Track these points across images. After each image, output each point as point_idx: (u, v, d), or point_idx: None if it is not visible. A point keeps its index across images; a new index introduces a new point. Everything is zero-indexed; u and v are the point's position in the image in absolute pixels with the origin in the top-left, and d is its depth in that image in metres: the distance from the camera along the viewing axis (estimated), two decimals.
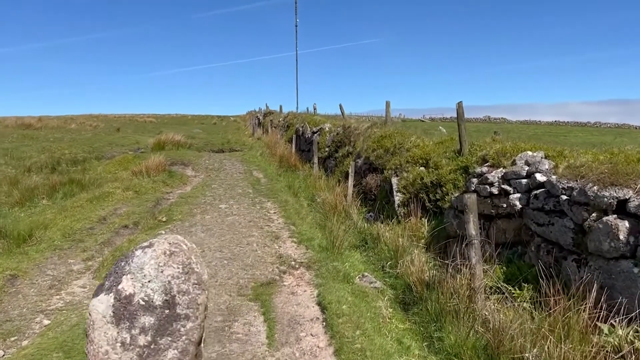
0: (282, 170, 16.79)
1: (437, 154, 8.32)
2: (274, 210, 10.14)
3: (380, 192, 9.83)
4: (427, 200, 7.90)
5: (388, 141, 10.03)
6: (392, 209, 8.80)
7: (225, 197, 11.37)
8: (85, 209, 10.70)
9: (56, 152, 22.06)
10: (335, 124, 17.03)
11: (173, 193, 12.51)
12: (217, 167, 17.02)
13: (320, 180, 13.89)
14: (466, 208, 5.31)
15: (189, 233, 8.28)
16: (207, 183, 13.49)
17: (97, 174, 16.79)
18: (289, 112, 29.90)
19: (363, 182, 10.48)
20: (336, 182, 12.61)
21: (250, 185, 13.05)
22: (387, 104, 11.51)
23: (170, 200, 11.33)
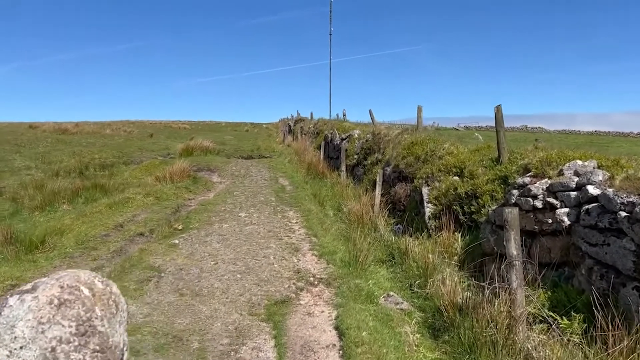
0: (309, 178, 16.27)
1: (473, 162, 7.62)
2: (296, 220, 9.59)
3: (409, 202, 9.17)
4: (461, 213, 7.21)
5: (419, 148, 9.37)
6: (422, 221, 8.13)
7: (246, 205, 10.90)
8: (103, 214, 10.41)
9: (86, 156, 22.17)
10: (365, 130, 16.43)
11: (195, 200, 12.13)
12: (243, 174, 16.64)
13: (347, 189, 13.31)
14: (506, 224, 4.63)
15: (204, 243, 7.81)
16: (230, 190, 13.07)
17: (123, 179, 16.66)
18: (319, 119, 29.45)
19: (392, 191, 9.84)
20: (364, 191, 12.00)
21: (274, 193, 12.55)
22: (419, 108, 10.84)
23: (191, 208, 10.93)
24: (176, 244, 7.74)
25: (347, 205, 11.20)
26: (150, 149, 29.00)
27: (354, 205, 10.14)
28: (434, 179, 8.07)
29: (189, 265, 6.85)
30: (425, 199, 7.97)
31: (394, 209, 9.68)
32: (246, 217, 9.67)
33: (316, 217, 9.87)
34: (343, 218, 10.35)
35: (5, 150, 23.18)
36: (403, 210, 9.51)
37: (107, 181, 14.74)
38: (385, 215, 9.32)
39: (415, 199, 8.86)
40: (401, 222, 9.04)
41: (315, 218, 9.78)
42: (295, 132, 33.08)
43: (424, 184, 8.24)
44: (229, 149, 28.98)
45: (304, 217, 9.78)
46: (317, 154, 19.99)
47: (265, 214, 10.01)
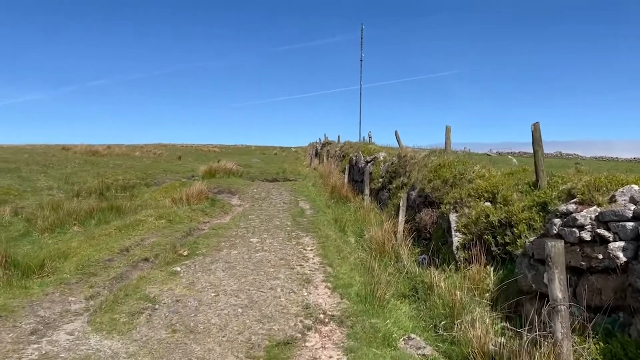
0: (332, 202, 15.59)
1: (507, 186, 6.80)
2: (312, 247, 8.87)
3: (436, 230, 8.36)
4: (494, 244, 6.38)
5: (447, 171, 8.59)
6: (449, 251, 7.31)
7: (259, 229, 10.25)
8: (112, 237, 9.93)
9: (109, 177, 22.07)
10: (391, 153, 15.71)
11: (210, 223, 11.57)
12: (263, 197, 16.07)
13: (371, 214, 12.57)
14: (549, 260, 3.82)
15: (208, 271, 7.16)
16: (246, 213, 12.48)
17: (142, 200, 16.32)
18: (346, 142, 28.87)
19: (417, 217, 9.05)
20: (388, 217, 11.25)
21: (291, 217, 11.88)
22: (447, 129, 10.08)
23: (203, 231, 10.35)
24: (177, 272, 7.11)
25: (369, 232, 10.48)
26: (176, 170, 28.91)
27: (376, 232, 9.38)
28: (463, 205, 7.27)
29: (187, 297, 6.20)
30: (453, 227, 7.16)
31: (419, 237, 8.87)
32: (258, 242, 9.01)
33: (334, 244, 9.13)
34: (364, 245, 9.62)
35: (32, 171, 23.32)
36: (429, 238, 8.70)
37: (123, 203, 14.38)
38: (409, 243, 8.52)
39: (442, 226, 8.05)
40: (426, 252, 8.23)
41: (332, 245, 9.04)
42: (322, 156, 32.56)
43: (451, 210, 7.44)
44: (254, 172, 28.65)
45: (320, 244, 9.06)
46: (341, 177, 19.33)
47: (278, 239, 9.32)
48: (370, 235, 9.84)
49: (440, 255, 7.55)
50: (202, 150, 61.15)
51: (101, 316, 5.77)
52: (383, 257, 8.35)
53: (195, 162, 34.67)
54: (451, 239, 7.21)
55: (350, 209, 14.33)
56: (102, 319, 5.69)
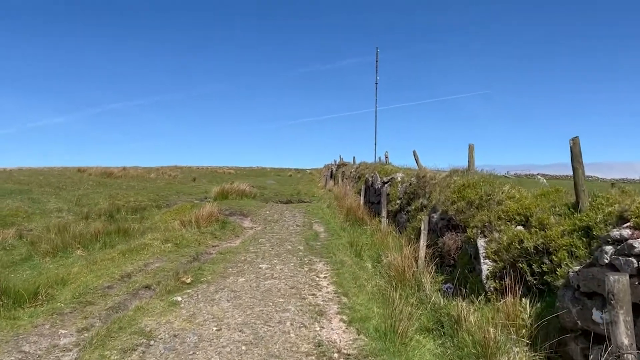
0: (348, 224, 14.94)
1: (542, 208, 6.11)
2: (325, 274, 8.22)
3: (461, 256, 7.66)
4: (529, 273, 5.68)
5: (472, 191, 7.92)
6: (477, 281, 6.61)
7: (270, 254, 9.63)
8: (114, 262, 9.40)
9: (121, 199, 21.70)
10: (409, 173, 15.06)
11: (219, 247, 10.99)
12: (276, 219, 15.48)
13: (388, 237, 11.90)
14: (612, 297, 3.15)
15: (211, 301, 6.54)
16: (257, 236, 11.88)
17: (153, 222, 15.85)
18: (361, 163, 28.29)
19: (439, 242, 8.37)
20: (407, 241, 10.57)
21: (304, 241, 11.25)
22: (471, 147, 9.44)
23: (210, 256, 9.77)
24: (178, 302, 6.51)
25: (387, 257, 9.84)
26: (189, 192, 28.50)
27: (395, 258, 8.70)
28: (492, 229, 6.58)
29: (186, 331, 5.58)
30: (481, 254, 6.47)
31: (442, 263, 8.17)
32: (267, 269, 8.38)
33: (349, 271, 8.47)
34: (382, 272, 8.95)
35: (44, 193, 23.09)
36: (453, 265, 8.01)
37: (131, 225, 13.92)
38: (432, 270, 7.82)
39: (468, 252, 7.36)
40: (451, 280, 7.53)
41: (348, 272, 8.38)
42: (337, 177, 32.01)
43: (479, 235, 6.76)
44: (268, 193, 28.15)
45: (335, 271, 8.40)
46: (357, 198, 18.71)
47: (289, 265, 8.68)
48: (388, 261, 9.19)
49: (467, 284, 6.85)
50: (217, 172, 61.05)
51: (90, 353, 5.17)
52: (403, 285, 7.68)
53: (210, 184, 34.31)
54: (480, 267, 6.51)
55: (367, 232, 13.68)
56: (91, 356, 5.10)
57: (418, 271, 7.89)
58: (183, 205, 17.69)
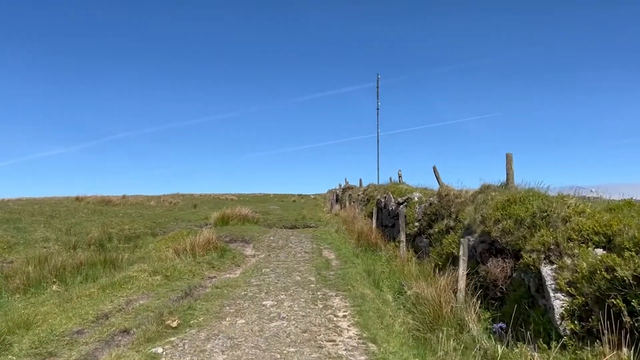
0: (360, 250, 13.48)
1: (631, 226, 4.68)
2: (345, 312, 6.74)
3: (513, 287, 6.20)
4: (626, 311, 4.22)
5: (520, 208, 6.50)
6: (543, 320, 5.13)
7: (275, 287, 8.14)
8: (93, 299, 7.97)
9: (115, 227, 20.30)
10: (427, 193, 13.65)
11: (217, 278, 9.53)
12: (281, 245, 14.02)
13: (409, 264, 10.46)
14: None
15: (200, 353, 5.06)
16: (259, 266, 10.42)
17: (146, 251, 14.43)
18: (369, 185, 26.91)
19: (480, 269, 6.91)
20: (433, 268, 9.15)
21: (315, 270, 9.77)
22: (509, 157, 8.05)
23: (206, 290, 8.30)
24: (157, 355, 5.03)
25: (412, 287, 8.42)
26: (188, 219, 27.08)
27: (425, 289, 7.24)
28: (561, 253, 5.14)
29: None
30: (549, 285, 5.01)
31: (485, 295, 6.70)
32: (273, 306, 6.90)
33: (372, 308, 7.00)
34: (408, 305, 7.50)
35: (34, 222, 21.71)
36: (500, 298, 6.53)
37: (120, 255, 12.48)
38: (475, 305, 6.35)
39: (524, 283, 5.89)
40: (502, 317, 6.06)
41: (371, 309, 6.90)
42: (344, 200, 30.59)
43: (542, 261, 5.31)
44: (271, 219, 26.71)
45: (356, 308, 6.92)
46: (368, 222, 17.27)
47: (300, 301, 7.20)
48: (415, 293, 7.75)
49: (527, 323, 5.38)
50: (219, 199, 59.66)
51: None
52: (440, 324, 6.22)
53: (211, 210, 32.98)
54: (548, 303, 5.05)
55: (382, 258, 12.25)
56: None
57: (458, 306, 6.42)
58: (180, 232, 16.25)
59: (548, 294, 5.04)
